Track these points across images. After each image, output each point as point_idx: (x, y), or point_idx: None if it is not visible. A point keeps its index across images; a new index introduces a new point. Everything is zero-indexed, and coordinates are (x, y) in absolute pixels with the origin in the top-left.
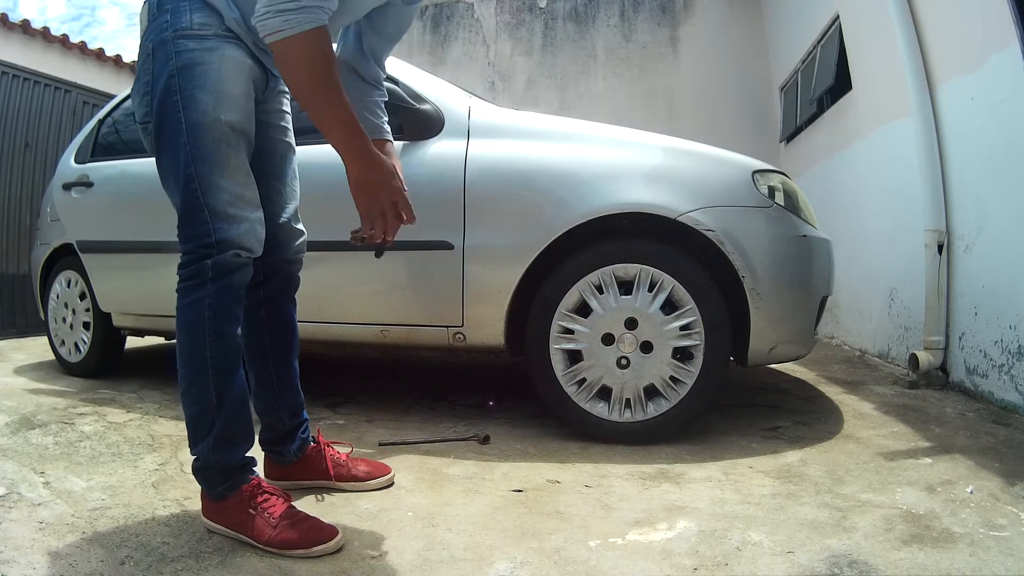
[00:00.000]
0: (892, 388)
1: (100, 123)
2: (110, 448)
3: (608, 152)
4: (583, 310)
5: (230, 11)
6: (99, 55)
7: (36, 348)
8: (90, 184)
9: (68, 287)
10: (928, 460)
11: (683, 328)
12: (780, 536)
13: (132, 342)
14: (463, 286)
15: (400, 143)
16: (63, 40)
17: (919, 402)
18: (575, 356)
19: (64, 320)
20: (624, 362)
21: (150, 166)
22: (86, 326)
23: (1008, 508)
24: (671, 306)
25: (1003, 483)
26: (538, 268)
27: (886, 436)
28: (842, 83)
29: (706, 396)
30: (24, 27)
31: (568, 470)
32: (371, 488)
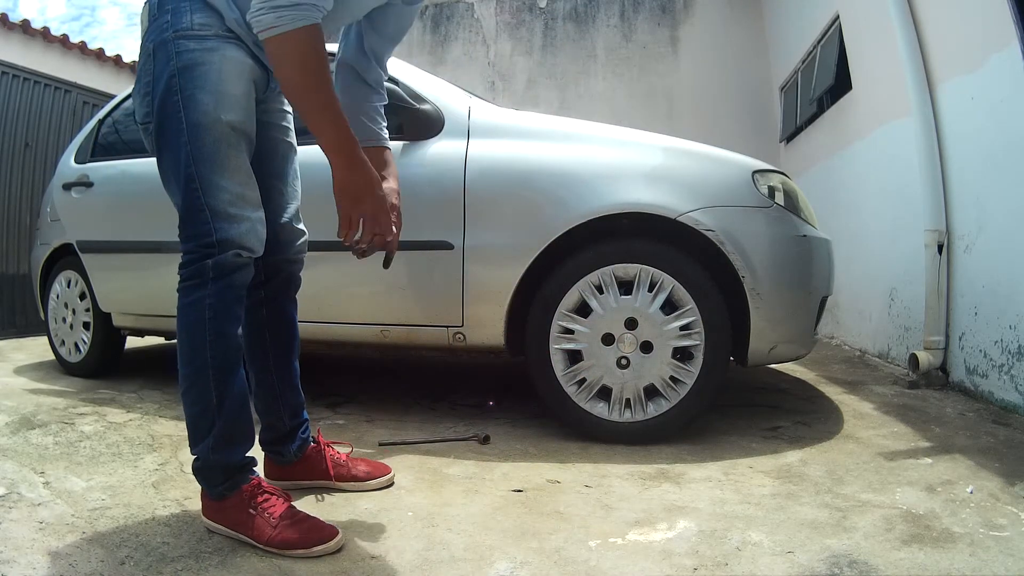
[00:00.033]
0: (892, 388)
1: (100, 123)
2: (110, 448)
3: (608, 152)
4: (583, 310)
5: (231, 11)
6: (99, 55)
7: (36, 348)
8: (90, 184)
9: (68, 287)
10: (928, 460)
11: (683, 328)
12: (780, 536)
13: (132, 342)
14: (463, 286)
15: (400, 143)
16: (63, 40)
17: (919, 402)
18: (575, 356)
19: (64, 320)
20: (624, 362)
21: (150, 166)
22: (86, 326)
23: (1008, 508)
24: (671, 306)
25: (1003, 483)
26: (538, 268)
27: (886, 436)
28: (842, 83)
29: (706, 396)
30: (24, 27)
31: (568, 470)
32: (371, 488)
